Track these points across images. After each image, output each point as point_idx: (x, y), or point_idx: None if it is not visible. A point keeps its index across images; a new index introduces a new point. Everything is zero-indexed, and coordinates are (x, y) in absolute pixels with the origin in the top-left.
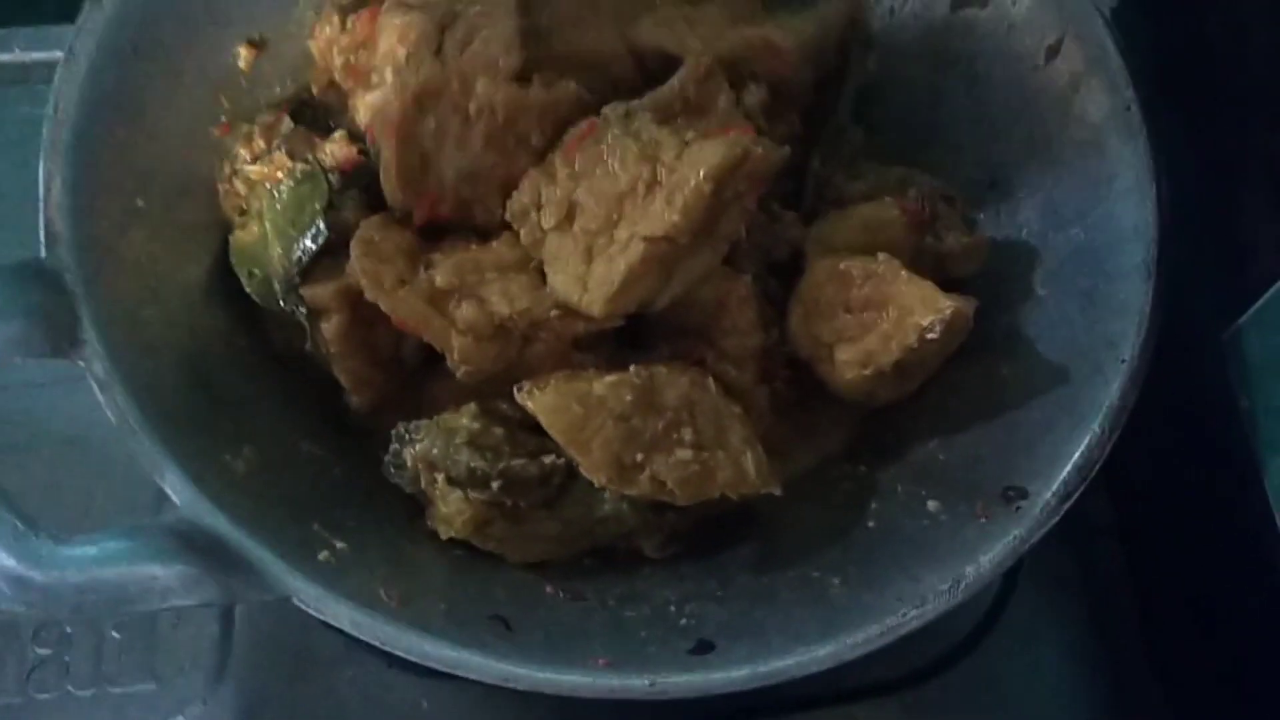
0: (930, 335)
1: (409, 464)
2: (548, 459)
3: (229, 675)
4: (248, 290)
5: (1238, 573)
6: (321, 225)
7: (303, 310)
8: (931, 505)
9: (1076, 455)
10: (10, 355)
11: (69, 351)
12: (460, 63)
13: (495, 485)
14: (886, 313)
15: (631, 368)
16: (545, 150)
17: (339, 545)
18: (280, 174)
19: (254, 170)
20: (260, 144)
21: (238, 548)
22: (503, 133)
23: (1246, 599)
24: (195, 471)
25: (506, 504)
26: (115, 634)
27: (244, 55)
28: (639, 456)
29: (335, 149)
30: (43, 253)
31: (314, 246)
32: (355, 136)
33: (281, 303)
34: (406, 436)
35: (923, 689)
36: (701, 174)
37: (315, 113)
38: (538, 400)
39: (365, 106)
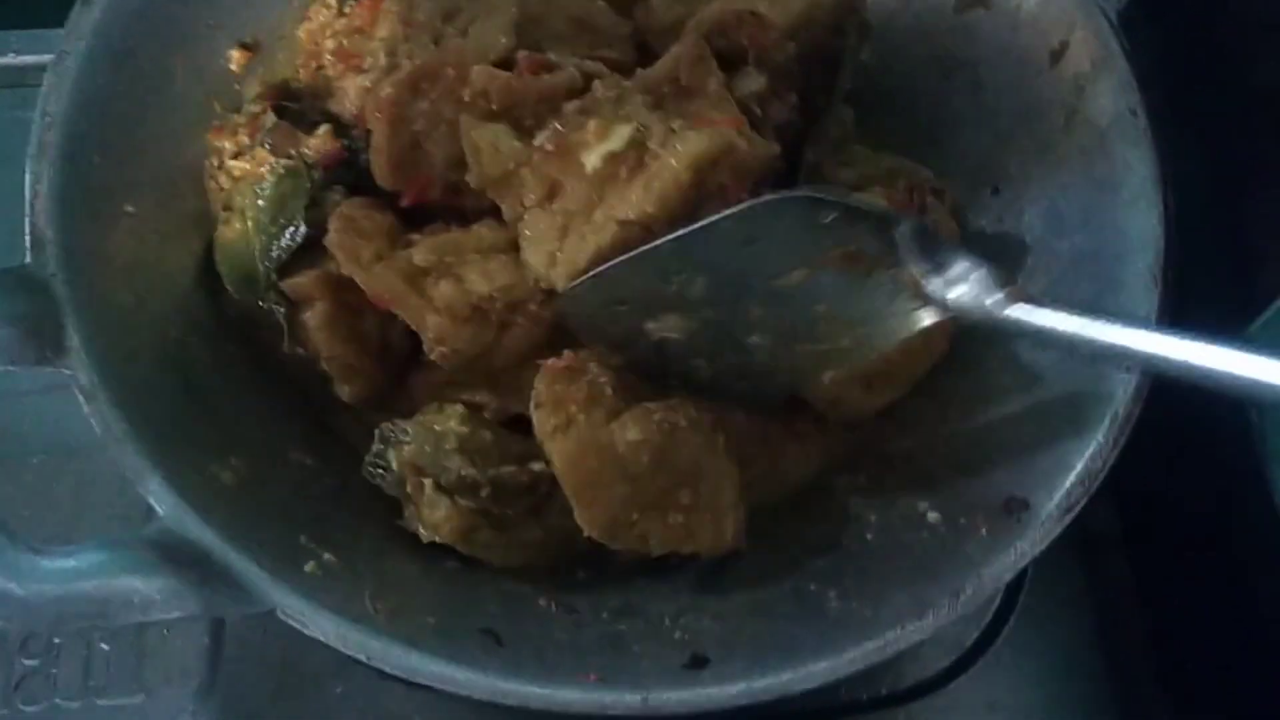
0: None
1: (394, 466)
2: (536, 466)
3: (218, 687)
4: (228, 287)
5: (1246, 583)
6: (302, 222)
7: (281, 309)
8: (931, 517)
9: (1079, 466)
10: None
11: (54, 359)
12: (457, 48)
13: (484, 493)
14: None
15: (656, 416)
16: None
17: (326, 557)
18: (264, 170)
19: (238, 166)
20: (244, 138)
21: (221, 560)
22: (496, 118)
23: (1256, 610)
24: (180, 482)
25: (493, 511)
26: (104, 645)
27: (236, 58)
28: (634, 516)
29: (319, 143)
30: (28, 258)
31: (294, 243)
32: (339, 131)
33: (260, 300)
34: (392, 437)
35: (924, 703)
36: (683, 164)
37: (300, 107)
38: (559, 446)
39: (356, 90)
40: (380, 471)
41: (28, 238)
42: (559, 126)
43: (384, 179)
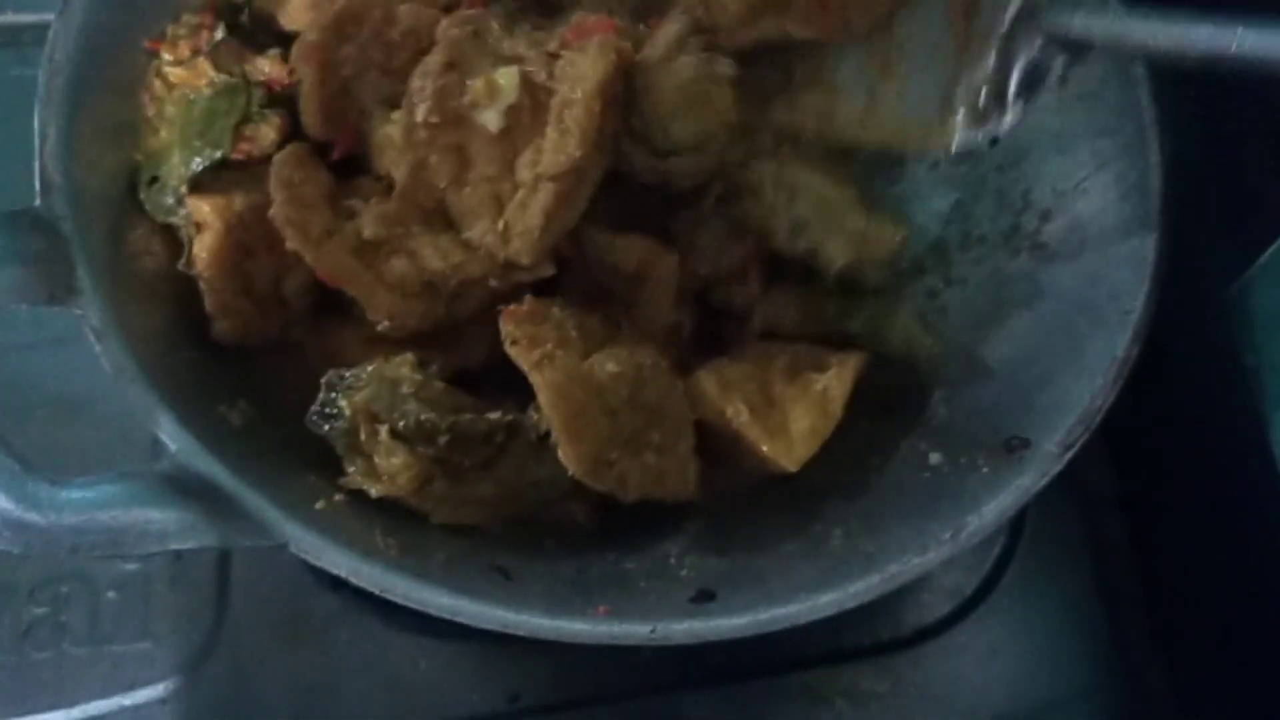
0: None
1: (346, 413)
2: (494, 415)
3: (225, 635)
4: (141, 197)
5: (1242, 536)
6: (228, 141)
7: (186, 225)
8: (934, 458)
9: (1079, 405)
10: (6, 302)
11: (65, 299)
12: None
13: (443, 440)
14: None
15: (625, 352)
16: None
17: (337, 496)
18: (201, 82)
19: (175, 73)
20: (185, 51)
21: (233, 493)
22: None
23: (1250, 563)
24: (191, 422)
25: (450, 461)
26: (111, 594)
27: None
28: (614, 455)
29: (267, 65)
30: (37, 201)
31: (216, 156)
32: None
33: (168, 214)
34: (341, 383)
35: (926, 648)
36: (589, 95)
37: (250, 25)
38: (547, 377)
39: (296, 8)
40: (329, 420)
41: (37, 181)
42: (436, 91)
43: (314, 129)
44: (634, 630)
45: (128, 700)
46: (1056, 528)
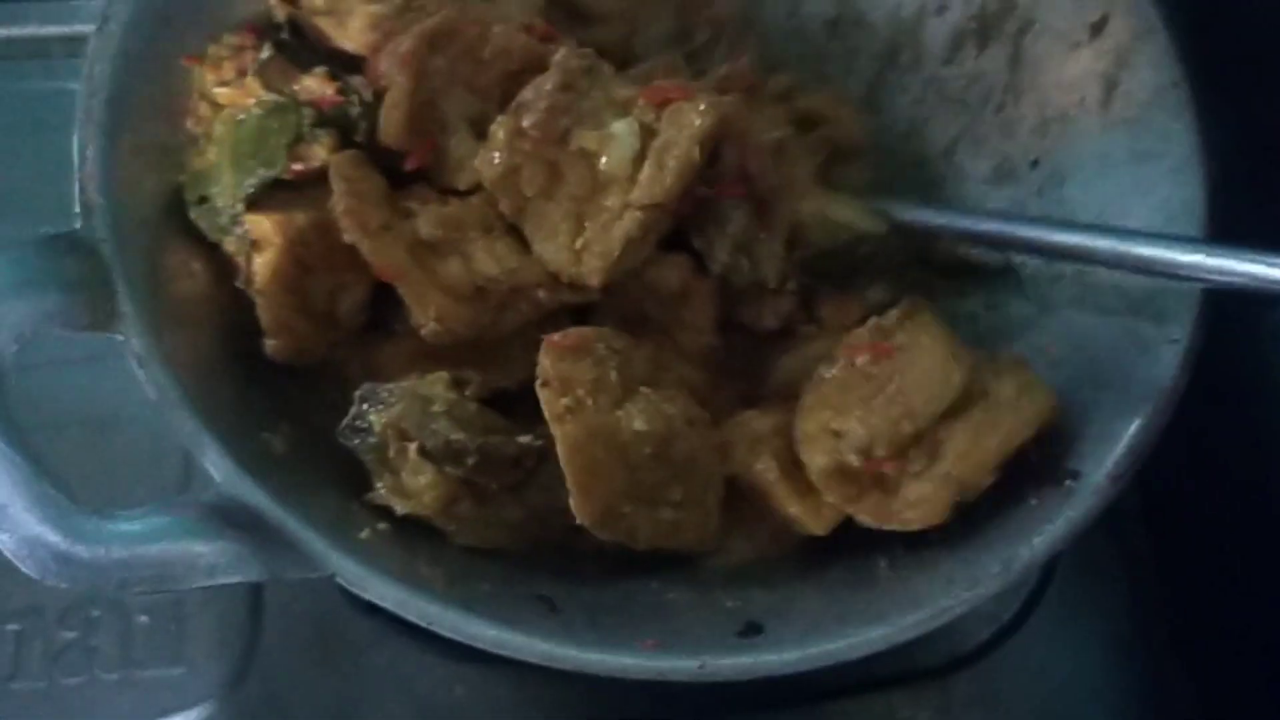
0: None
1: (376, 429)
2: (524, 439)
3: (258, 660)
4: (192, 217)
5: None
6: (281, 160)
7: (242, 242)
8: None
9: (1128, 435)
10: (48, 328)
11: (106, 325)
12: (479, 10)
13: (471, 461)
14: None
15: (661, 407)
16: None
17: (380, 525)
18: (250, 102)
19: (223, 93)
20: (230, 70)
21: (279, 525)
22: (515, 82)
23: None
24: (234, 449)
25: (478, 483)
26: (143, 618)
27: (282, 12)
28: (628, 509)
29: (314, 84)
30: (78, 224)
31: (271, 175)
32: (335, 75)
33: (223, 233)
34: (374, 398)
35: (959, 676)
36: (691, 140)
37: (297, 44)
38: (568, 430)
39: (364, 16)
40: (359, 434)
41: (77, 204)
42: (548, 107)
43: (394, 137)
44: (681, 665)
45: None
46: (1089, 550)
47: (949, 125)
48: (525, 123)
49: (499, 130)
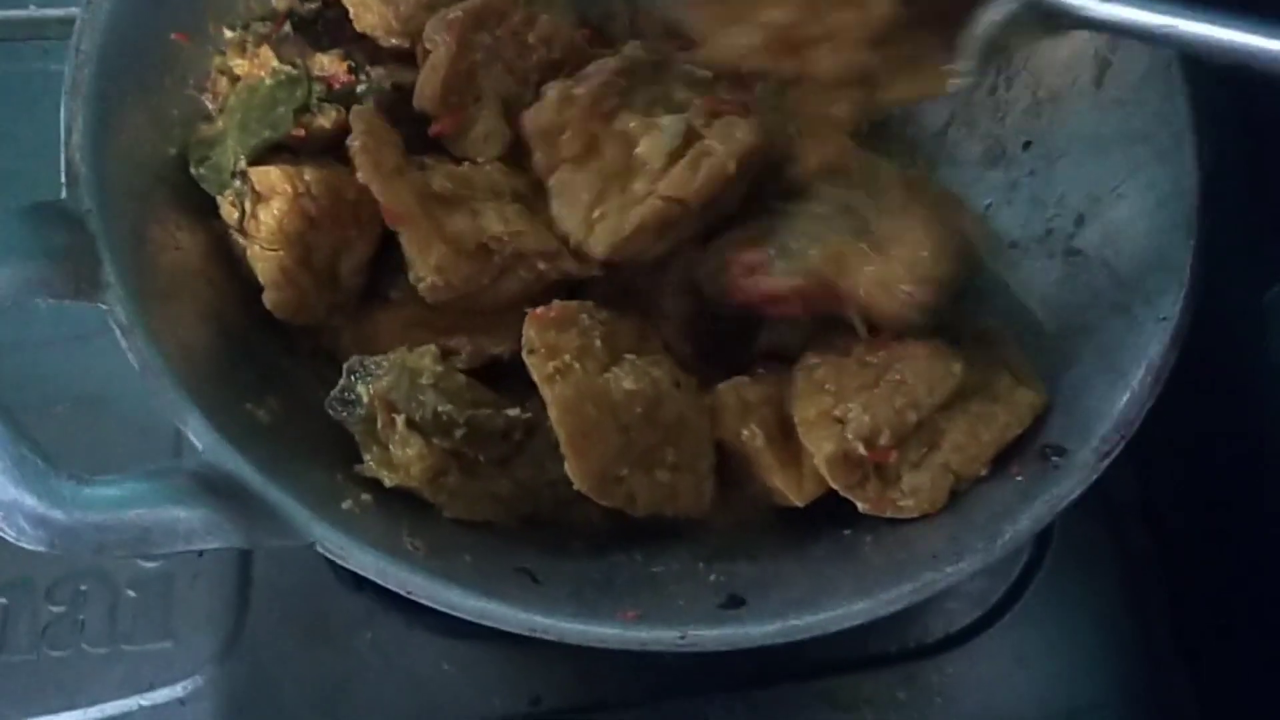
0: None
1: (364, 400)
2: (512, 412)
3: (245, 635)
4: (194, 174)
5: (1268, 542)
6: (287, 126)
7: (244, 195)
8: None
9: (1115, 413)
10: (32, 296)
11: (90, 294)
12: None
13: (459, 434)
14: None
15: (648, 370)
16: None
17: (364, 496)
18: (263, 72)
19: (240, 65)
20: (253, 51)
21: (260, 493)
22: (554, 70)
23: (1276, 572)
24: (217, 419)
25: (465, 455)
26: (130, 592)
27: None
28: (623, 471)
29: (328, 62)
30: (63, 194)
31: (275, 137)
32: (349, 57)
33: (223, 186)
34: (363, 370)
35: (952, 655)
36: (732, 155)
37: (320, 29)
38: (558, 391)
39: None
40: (348, 406)
41: (63, 173)
42: (604, 83)
43: (429, 99)
44: (663, 636)
45: (146, 700)
46: (1082, 536)
47: (942, 107)
48: (578, 90)
49: (551, 89)
